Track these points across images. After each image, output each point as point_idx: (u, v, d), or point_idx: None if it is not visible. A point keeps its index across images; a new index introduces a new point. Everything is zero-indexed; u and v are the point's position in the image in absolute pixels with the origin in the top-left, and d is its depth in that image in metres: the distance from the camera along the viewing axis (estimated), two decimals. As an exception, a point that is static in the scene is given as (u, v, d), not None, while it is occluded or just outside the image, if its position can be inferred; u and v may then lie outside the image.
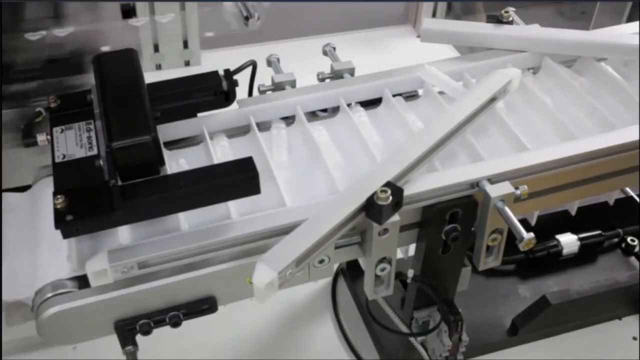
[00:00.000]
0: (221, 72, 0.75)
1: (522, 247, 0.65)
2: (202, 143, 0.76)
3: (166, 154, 0.73)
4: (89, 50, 1.32)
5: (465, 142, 0.75)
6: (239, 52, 1.54)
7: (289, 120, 0.80)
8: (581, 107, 0.81)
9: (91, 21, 1.32)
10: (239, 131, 0.78)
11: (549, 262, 1.06)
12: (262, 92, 0.82)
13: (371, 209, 0.63)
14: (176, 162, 0.74)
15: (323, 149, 0.74)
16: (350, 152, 0.75)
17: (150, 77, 0.70)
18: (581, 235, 1.06)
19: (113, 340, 0.65)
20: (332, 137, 0.78)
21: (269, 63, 0.86)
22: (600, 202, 1.02)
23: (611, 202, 0.86)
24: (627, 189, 1.05)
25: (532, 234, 0.65)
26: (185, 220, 0.66)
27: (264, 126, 0.79)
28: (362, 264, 0.75)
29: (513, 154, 0.73)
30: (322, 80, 0.84)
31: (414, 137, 0.71)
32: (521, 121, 0.79)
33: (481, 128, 0.77)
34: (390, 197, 0.62)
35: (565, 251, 1.05)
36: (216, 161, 0.72)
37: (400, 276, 0.72)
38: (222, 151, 0.75)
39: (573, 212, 0.82)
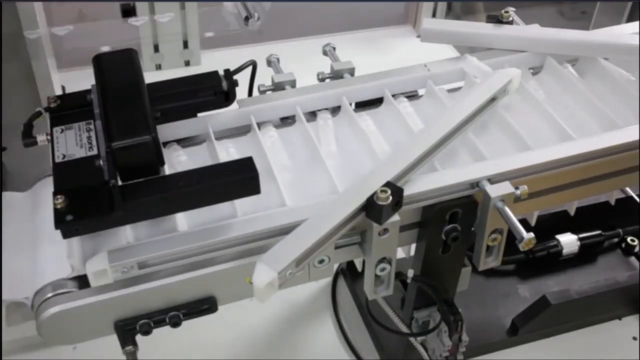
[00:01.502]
0: (221, 72, 0.75)
1: (522, 247, 0.65)
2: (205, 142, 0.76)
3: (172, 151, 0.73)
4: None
5: (466, 141, 0.75)
6: (239, 52, 1.54)
7: (288, 120, 0.80)
8: (584, 106, 0.81)
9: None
10: (239, 131, 0.78)
11: (549, 262, 1.06)
12: (262, 92, 0.82)
13: (371, 209, 0.63)
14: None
15: (372, 138, 0.76)
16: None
17: (150, 77, 0.70)
18: (581, 235, 1.06)
19: (113, 340, 0.65)
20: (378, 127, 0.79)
21: (269, 63, 0.86)
22: (600, 202, 1.02)
23: (612, 202, 0.86)
24: (627, 189, 1.05)
25: (532, 234, 0.65)
26: (188, 219, 0.66)
27: (307, 117, 0.80)
28: (357, 265, 0.75)
29: (513, 154, 0.73)
30: (322, 80, 0.84)
31: (414, 137, 0.71)
32: (521, 121, 0.79)
33: (481, 128, 0.77)
34: (390, 197, 0.62)
35: (565, 251, 1.05)
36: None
37: (400, 276, 0.72)
38: (228, 152, 0.75)
39: (572, 212, 0.82)
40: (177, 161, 0.74)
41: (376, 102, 0.82)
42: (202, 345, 0.97)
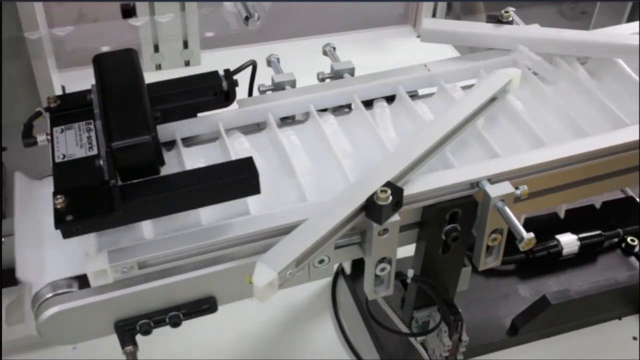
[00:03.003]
0: (221, 72, 0.75)
1: (522, 247, 0.65)
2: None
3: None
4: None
5: (466, 141, 0.75)
6: (239, 52, 1.54)
7: (288, 120, 0.80)
8: (593, 105, 0.81)
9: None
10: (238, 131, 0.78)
11: (549, 262, 1.06)
12: (262, 92, 0.82)
13: (371, 209, 0.63)
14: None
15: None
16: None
17: (150, 77, 0.70)
18: (581, 235, 1.06)
19: (113, 340, 0.65)
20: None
21: (269, 63, 0.86)
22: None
23: (597, 206, 0.85)
24: (627, 189, 1.05)
25: (532, 234, 0.65)
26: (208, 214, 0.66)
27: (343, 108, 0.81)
28: (346, 268, 0.75)
29: (513, 154, 0.73)
30: (322, 80, 0.84)
31: (414, 137, 0.71)
32: (521, 121, 0.79)
33: (481, 128, 0.77)
34: (390, 197, 0.62)
35: (565, 251, 1.05)
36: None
37: (400, 276, 0.72)
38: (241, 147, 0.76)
39: (562, 215, 0.82)
40: (241, 148, 0.75)
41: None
42: (202, 345, 0.97)
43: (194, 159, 0.74)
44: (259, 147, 0.76)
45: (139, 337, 0.66)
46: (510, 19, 0.88)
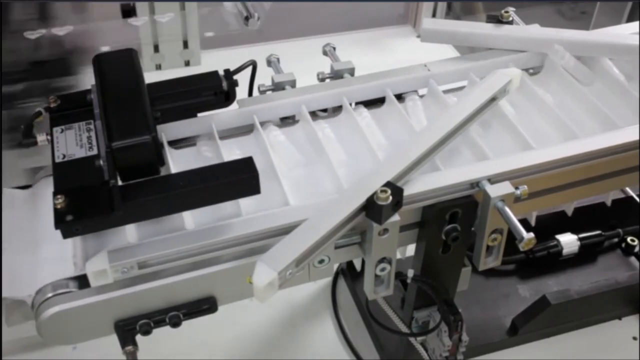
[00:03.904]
0: (221, 72, 0.75)
1: (522, 247, 0.65)
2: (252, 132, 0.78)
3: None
4: (80, 50, 1.31)
5: (466, 141, 0.75)
6: (239, 52, 1.54)
7: (288, 120, 0.80)
8: (584, 106, 0.81)
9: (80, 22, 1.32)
10: (239, 131, 0.78)
11: (549, 262, 1.06)
12: (262, 92, 0.82)
13: (371, 209, 0.63)
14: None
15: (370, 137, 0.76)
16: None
17: (150, 77, 0.70)
18: (581, 235, 1.06)
19: (113, 340, 0.65)
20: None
21: (269, 63, 0.86)
22: (600, 202, 1.02)
23: (608, 203, 0.85)
24: (627, 189, 1.05)
25: (532, 234, 0.65)
26: (192, 218, 0.66)
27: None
28: (356, 265, 0.75)
29: (513, 154, 0.73)
30: (322, 80, 0.84)
31: (414, 137, 0.71)
32: (521, 121, 0.79)
33: (481, 128, 0.77)
34: (390, 197, 0.62)
35: (565, 251, 1.05)
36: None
37: (400, 276, 0.72)
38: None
39: (570, 213, 0.82)
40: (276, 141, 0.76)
41: (377, 102, 0.83)
42: (202, 345, 0.97)
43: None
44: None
45: (139, 337, 0.66)
46: (510, 19, 0.88)
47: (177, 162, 0.73)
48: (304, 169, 0.74)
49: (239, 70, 0.77)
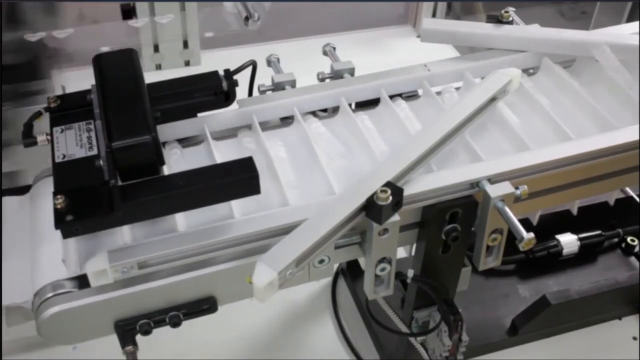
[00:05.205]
0: (221, 72, 0.75)
1: (522, 247, 0.65)
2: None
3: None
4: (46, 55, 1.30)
5: (466, 142, 0.75)
6: (239, 52, 1.54)
7: (288, 120, 0.80)
8: (580, 107, 0.81)
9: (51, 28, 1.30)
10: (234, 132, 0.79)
11: (549, 262, 1.06)
12: (262, 92, 0.82)
13: (371, 209, 0.63)
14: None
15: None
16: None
17: (150, 77, 0.70)
18: (581, 235, 1.06)
19: (113, 340, 0.65)
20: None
21: (269, 63, 0.86)
22: (600, 202, 1.02)
23: (611, 202, 0.85)
24: (627, 189, 1.05)
25: (532, 234, 0.65)
26: (186, 219, 0.66)
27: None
28: (362, 264, 0.75)
29: (513, 154, 0.73)
30: (322, 80, 0.84)
31: (414, 137, 0.71)
32: (521, 121, 0.79)
33: (481, 128, 0.77)
34: (390, 197, 0.62)
35: (565, 251, 1.05)
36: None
37: (400, 276, 0.72)
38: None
39: (574, 212, 0.82)
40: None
41: (376, 102, 0.83)
42: (202, 345, 0.97)
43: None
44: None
45: (139, 337, 0.66)
46: (510, 19, 0.88)
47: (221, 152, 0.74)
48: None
49: (239, 70, 0.77)
